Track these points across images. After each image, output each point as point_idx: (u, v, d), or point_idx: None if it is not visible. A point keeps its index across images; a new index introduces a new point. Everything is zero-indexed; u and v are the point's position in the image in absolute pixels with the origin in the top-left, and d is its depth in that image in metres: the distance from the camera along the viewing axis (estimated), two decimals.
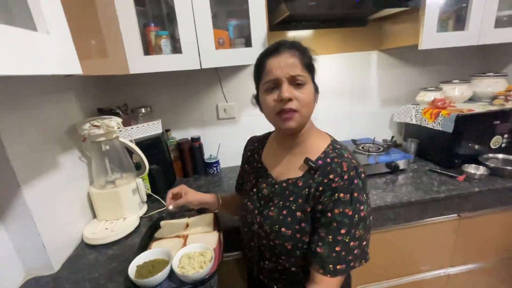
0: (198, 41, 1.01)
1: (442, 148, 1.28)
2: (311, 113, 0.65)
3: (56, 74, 0.53)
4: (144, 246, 0.84)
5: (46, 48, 0.49)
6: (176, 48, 1.06)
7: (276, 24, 1.28)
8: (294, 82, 0.60)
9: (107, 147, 0.97)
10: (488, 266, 1.29)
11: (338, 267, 0.57)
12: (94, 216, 1.02)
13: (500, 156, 1.25)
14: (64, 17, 0.57)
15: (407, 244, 1.15)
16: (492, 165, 1.17)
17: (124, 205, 0.99)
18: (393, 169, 1.25)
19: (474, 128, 1.21)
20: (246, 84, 1.42)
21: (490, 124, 1.22)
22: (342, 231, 0.57)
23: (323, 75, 1.45)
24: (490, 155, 1.25)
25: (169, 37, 1.07)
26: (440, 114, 1.26)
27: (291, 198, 0.65)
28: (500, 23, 1.24)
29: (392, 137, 1.50)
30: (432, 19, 1.12)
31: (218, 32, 1.08)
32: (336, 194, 0.58)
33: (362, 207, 0.58)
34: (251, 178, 0.77)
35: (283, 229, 0.63)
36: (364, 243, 0.60)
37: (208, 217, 0.97)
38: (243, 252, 0.83)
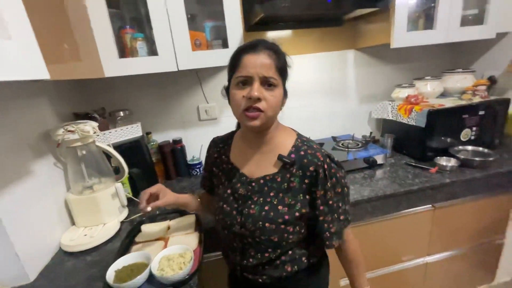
0: (174, 43, 1.01)
1: (416, 142, 1.34)
2: (277, 114, 0.68)
3: (22, 80, 0.52)
4: (124, 250, 0.83)
5: (8, 54, 0.48)
6: (152, 50, 1.05)
7: (254, 25, 1.30)
8: (266, 83, 0.61)
9: (83, 152, 0.96)
10: (463, 253, 1.35)
11: (344, 228, 0.70)
12: (73, 222, 1.00)
13: (470, 148, 1.32)
14: (28, 21, 0.55)
15: (386, 235, 1.19)
16: (462, 156, 1.23)
17: (103, 210, 0.98)
18: (371, 164, 1.29)
19: (444, 122, 1.28)
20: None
21: (459, 118, 1.29)
22: (340, 205, 0.68)
23: (303, 74, 1.48)
24: (460, 147, 1.32)
25: (145, 40, 1.06)
26: (413, 109, 1.31)
27: (271, 194, 0.67)
28: (465, 21, 1.31)
29: (371, 133, 1.55)
30: (401, 19, 1.16)
31: (195, 33, 1.08)
32: (328, 183, 0.65)
33: (343, 181, 0.69)
34: (223, 180, 0.76)
35: (267, 224, 0.65)
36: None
37: (190, 218, 0.97)
38: (224, 253, 0.82)
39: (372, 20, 1.31)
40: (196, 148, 1.45)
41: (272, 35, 1.40)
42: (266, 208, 0.66)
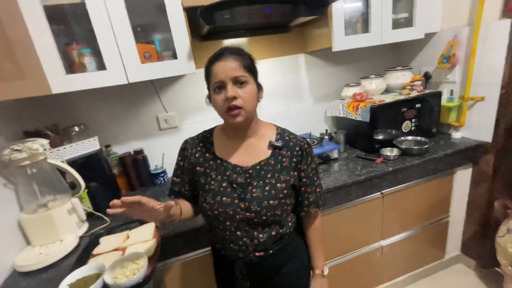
0: (122, 56, 1.04)
1: (364, 136, 1.46)
2: (255, 107, 0.77)
3: None
4: (81, 264, 0.84)
5: None
6: (101, 65, 1.07)
7: (206, 35, 1.35)
8: (237, 82, 0.70)
9: (34, 170, 0.95)
10: (415, 234, 1.49)
11: (320, 202, 0.87)
12: (28, 242, 0.99)
13: (410, 138, 1.46)
14: None
15: (341, 225, 1.28)
16: (403, 146, 1.36)
17: (59, 227, 0.97)
18: (325, 159, 1.39)
19: (386, 116, 1.40)
20: (184, 93, 1.46)
21: (399, 111, 1.42)
22: (315, 178, 0.85)
23: (259, 79, 1.54)
24: (402, 138, 1.45)
25: (92, 55, 1.07)
26: (359, 106, 1.42)
27: (268, 175, 0.77)
28: (398, 24, 1.45)
29: (326, 130, 1.65)
30: (339, 24, 1.27)
31: (144, 46, 1.11)
32: (309, 159, 0.82)
33: (315, 159, 0.86)
34: (213, 176, 0.78)
35: (271, 201, 0.75)
36: None
37: (149, 226, 0.99)
38: (222, 252, 0.84)
39: (315, 26, 1.42)
40: (159, 157, 1.47)
41: (226, 43, 1.46)
42: (267, 188, 0.76)
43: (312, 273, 0.94)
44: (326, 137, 1.59)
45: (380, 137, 1.43)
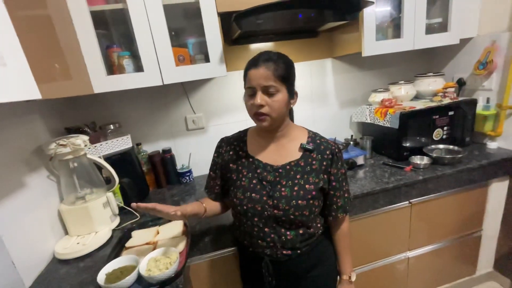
0: (158, 59, 1.09)
1: (392, 143, 1.42)
2: (283, 115, 0.78)
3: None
4: (115, 255, 0.88)
5: (3, 79, 0.55)
6: (138, 67, 1.12)
7: (236, 39, 1.38)
8: (267, 91, 0.72)
9: (75, 164, 1.02)
10: (444, 247, 1.42)
11: (348, 207, 0.87)
12: (66, 232, 1.05)
13: (441, 146, 1.41)
14: (20, 49, 0.62)
15: (366, 232, 1.25)
16: (434, 155, 1.31)
17: (94, 220, 1.03)
18: (351, 166, 1.36)
19: (416, 123, 1.36)
20: (213, 95, 1.50)
21: (430, 118, 1.37)
22: (344, 183, 0.85)
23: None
24: (433, 146, 1.40)
25: (131, 57, 1.13)
26: (388, 112, 1.39)
27: (297, 176, 0.79)
28: (431, 29, 1.41)
29: (351, 136, 1.63)
30: (370, 30, 1.26)
31: (178, 50, 1.16)
32: (339, 164, 0.83)
33: (344, 164, 0.86)
34: (245, 173, 0.83)
35: (299, 201, 0.77)
36: None
37: (178, 223, 1.03)
38: (250, 248, 0.85)
39: (345, 31, 1.41)
40: (186, 156, 1.51)
41: (254, 47, 1.49)
42: (296, 188, 0.78)
43: (339, 279, 0.93)
44: (351, 142, 1.56)
45: (409, 144, 1.39)
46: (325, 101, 1.68)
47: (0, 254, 0.76)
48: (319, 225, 0.85)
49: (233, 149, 0.88)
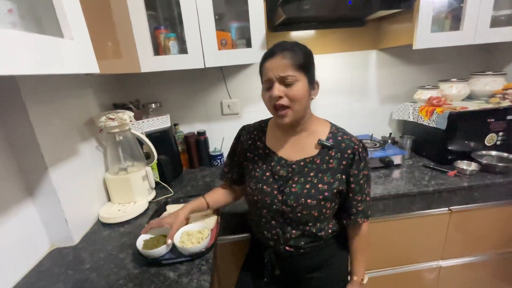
0: (202, 42, 1.11)
1: (436, 144, 1.32)
2: (305, 106, 0.73)
3: (78, 73, 0.64)
4: None
5: (70, 52, 0.60)
6: (183, 49, 1.16)
7: (277, 25, 1.36)
8: (284, 81, 0.68)
9: (121, 138, 1.09)
10: (482, 261, 1.32)
11: (369, 212, 0.81)
12: (109, 199, 1.14)
13: (494, 153, 1.28)
14: (85, 24, 0.67)
15: (397, 235, 1.20)
16: (484, 161, 1.20)
17: (134, 190, 1.11)
18: (387, 164, 1.30)
19: (467, 125, 1.25)
20: (248, 82, 1.51)
21: (484, 121, 1.25)
22: (366, 186, 0.79)
23: (323, 73, 1.52)
24: (484, 152, 1.28)
25: (176, 39, 1.17)
26: (434, 111, 1.30)
27: (311, 174, 0.76)
28: (497, 22, 1.26)
29: (390, 133, 1.54)
30: (425, 20, 1.16)
31: (221, 33, 1.17)
32: (361, 164, 0.76)
33: (369, 165, 0.79)
34: (260, 164, 0.82)
35: (309, 200, 0.73)
36: None
37: None
38: (256, 236, 0.88)
39: (395, 20, 1.32)
40: (218, 140, 1.55)
41: (294, 35, 1.45)
42: (307, 186, 0.75)
43: (349, 279, 0.89)
44: (389, 141, 1.49)
45: (456, 148, 1.28)
46: (365, 95, 1.61)
47: (56, 212, 0.86)
48: (330, 230, 0.80)
49: (252, 138, 0.86)
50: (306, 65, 0.70)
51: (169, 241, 0.78)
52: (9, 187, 0.76)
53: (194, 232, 0.84)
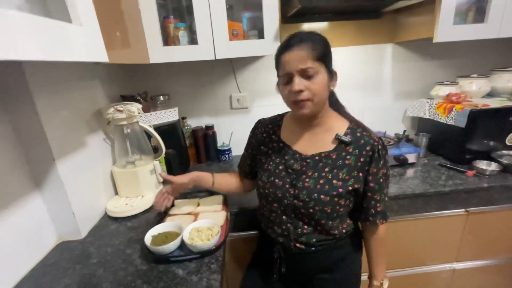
0: (213, 32, 1.07)
1: (454, 143, 1.27)
2: (325, 98, 0.71)
3: (86, 62, 0.61)
4: (159, 220, 0.92)
5: (79, 38, 0.57)
6: (192, 40, 1.12)
7: (290, 17, 1.31)
8: (305, 74, 0.65)
9: (128, 130, 1.07)
10: (498, 264, 1.27)
11: (388, 213, 0.78)
12: (116, 192, 1.13)
13: None
14: (94, 10, 0.64)
15: (411, 235, 1.16)
16: (505, 161, 1.15)
17: (142, 184, 1.09)
18: (401, 163, 1.26)
19: (488, 123, 1.19)
20: (259, 75, 1.46)
21: (505, 120, 1.19)
22: (384, 185, 0.75)
23: (337, 67, 1.46)
24: (504, 151, 1.22)
25: (186, 29, 1.13)
26: (453, 108, 1.24)
27: (326, 169, 0.73)
28: None
29: (404, 131, 1.49)
30: (448, 11, 1.10)
31: (232, 24, 1.13)
32: (381, 163, 0.72)
33: (388, 164, 0.75)
34: (273, 157, 0.80)
35: (322, 196, 0.70)
36: None
37: (218, 198, 1.04)
38: (265, 232, 0.86)
39: (415, 12, 1.25)
40: (227, 135, 1.52)
41: (307, 27, 1.40)
42: (321, 181, 0.72)
43: (369, 283, 0.86)
44: (404, 138, 1.43)
45: (475, 147, 1.23)
46: (379, 90, 1.55)
47: (63, 204, 0.84)
48: (343, 229, 0.77)
49: (267, 131, 0.85)
50: (325, 54, 0.67)
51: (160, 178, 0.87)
52: (17, 178, 0.74)
53: (203, 228, 0.82)
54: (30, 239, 0.77)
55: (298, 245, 0.77)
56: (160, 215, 0.96)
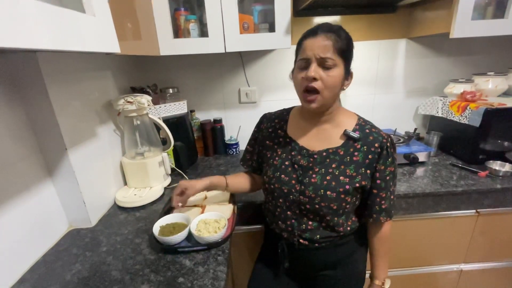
0: (224, 25, 1.06)
1: (467, 142, 1.24)
2: (335, 95, 0.70)
3: (98, 52, 0.61)
4: (167, 211, 0.93)
5: (92, 29, 0.57)
6: (203, 32, 1.12)
7: (302, 10, 1.29)
8: (323, 64, 0.65)
9: (138, 122, 1.08)
10: (505, 267, 1.25)
11: (393, 211, 0.77)
12: (125, 183, 1.14)
13: None
14: (107, 1, 0.64)
15: (420, 235, 1.15)
16: None
17: (150, 175, 1.10)
18: (412, 161, 1.24)
19: (503, 123, 1.16)
20: (268, 70, 1.45)
21: None
22: (391, 183, 0.74)
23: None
24: None
25: (197, 21, 1.13)
26: (468, 107, 1.21)
27: (333, 165, 0.72)
28: None
29: (415, 129, 1.46)
30: (467, 5, 1.06)
31: (243, 16, 1.12)
32: (388, 160, 0.72)
33: (396, 162, 0.74)
34: (279, 152, 0.80)
35: (328, 192, 0.70)
36: None
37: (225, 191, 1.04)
38: (270, 227, 0.86)
39: (431, 6, 1.21)
40: (234, 129, 1.52)
41: (319, 20, 1.38)
42: (328, 177, 0.71)
43: (370, 283, 0.85)
44: (414, 136, 1.41)
45: (489, 147, 1.20)
46: (390, 87, 1.52)
47: (74, 193, 0.86)
48: (348, 227, 0.76)
49: (273, 126, 0.84)
50: (347, 52, 0.67)
51: (179, 204, 0.85)
52: (31, 166, 0.76)
53: (211, 221, 0.82)
54: (42, 225, 0.79)
55: (301, 241, 0.77)
56: (167, 206, 0.97)
